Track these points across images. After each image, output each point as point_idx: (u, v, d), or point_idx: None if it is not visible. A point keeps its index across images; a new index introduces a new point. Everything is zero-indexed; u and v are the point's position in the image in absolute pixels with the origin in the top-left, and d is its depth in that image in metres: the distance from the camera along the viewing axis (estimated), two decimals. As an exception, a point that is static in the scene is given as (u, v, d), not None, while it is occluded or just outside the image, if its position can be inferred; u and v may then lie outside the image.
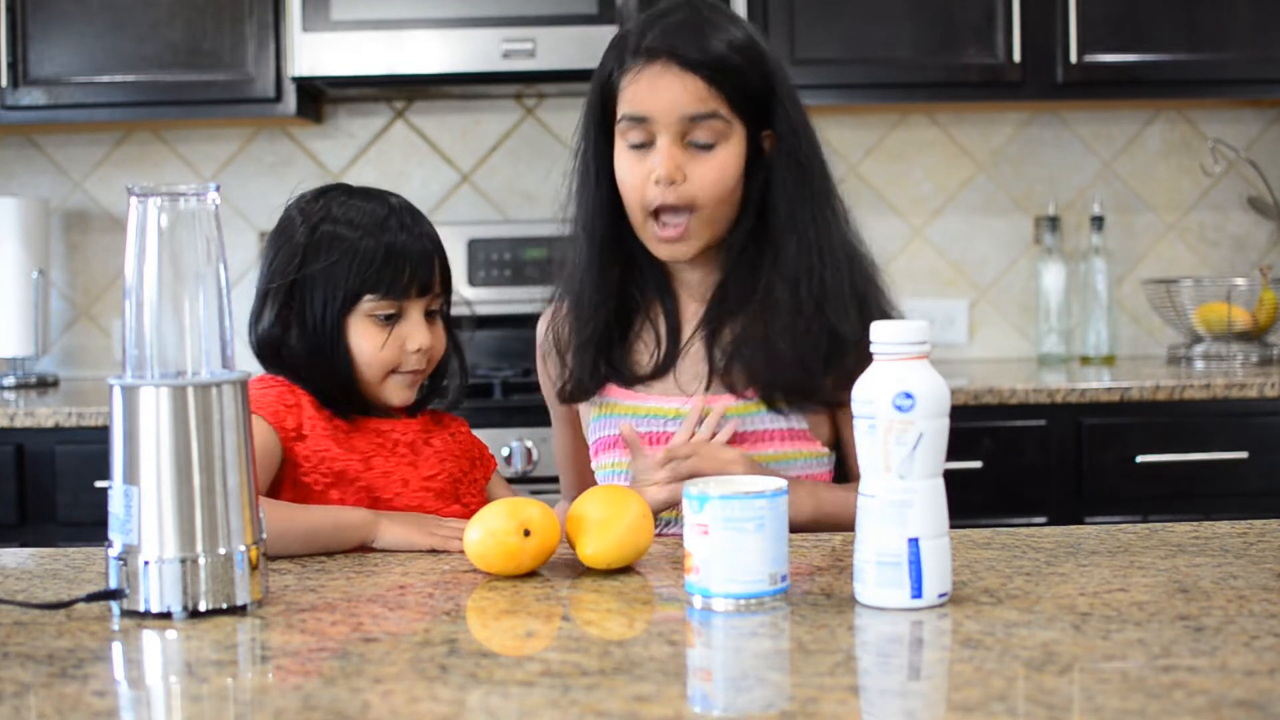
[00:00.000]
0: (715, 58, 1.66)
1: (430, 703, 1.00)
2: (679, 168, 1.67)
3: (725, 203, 1.70)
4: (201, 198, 1.28)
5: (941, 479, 1.25)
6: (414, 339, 1.67)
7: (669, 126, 1.67)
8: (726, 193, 1.69)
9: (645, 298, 1.79)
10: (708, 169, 1.67)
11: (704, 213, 1.69)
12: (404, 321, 1.67)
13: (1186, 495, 2.91)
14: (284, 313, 1.68)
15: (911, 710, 1.00)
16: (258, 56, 3.16)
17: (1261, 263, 3.52)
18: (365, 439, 1.68)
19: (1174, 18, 3.20)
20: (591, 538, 1.38)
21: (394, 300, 1.66)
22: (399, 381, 1.68)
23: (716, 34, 1.68)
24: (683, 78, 1.66)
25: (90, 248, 3.53)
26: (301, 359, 1.67)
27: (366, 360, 1.67)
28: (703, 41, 1.67)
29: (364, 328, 1.66)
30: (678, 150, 1.67)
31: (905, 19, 3.20)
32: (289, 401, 1.65)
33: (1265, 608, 1.20)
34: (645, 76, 1.67)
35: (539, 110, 3.53)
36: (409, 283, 1.66)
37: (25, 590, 1.35)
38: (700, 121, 1.67)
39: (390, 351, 1.67)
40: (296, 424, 1.64)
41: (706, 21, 1.69)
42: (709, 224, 1.70)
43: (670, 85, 1.66)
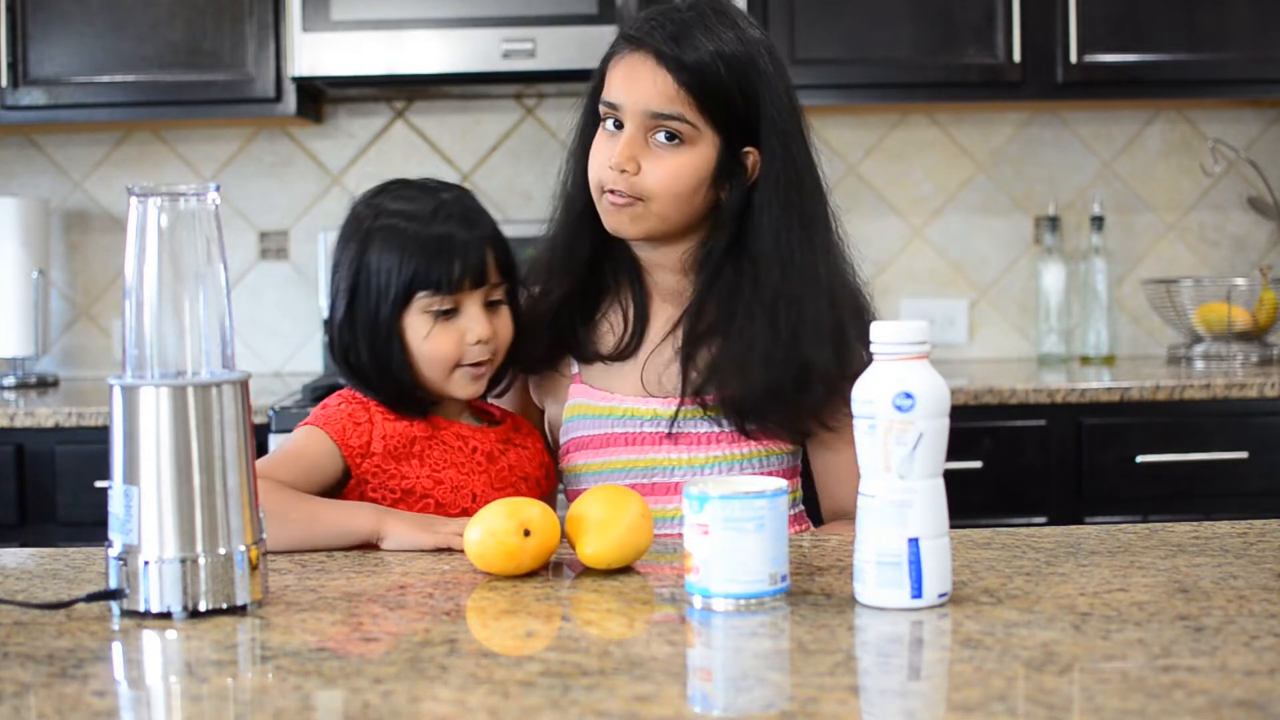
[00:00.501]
0: (691, 61, 1.64)
1: (430, 703, 1.00)
2: (632, 158, 1.66)
3: (678, 204, 1.68)
4: (201, 198, 1.28)
5: (941, 479, 1.25)
6: (473, 331, 1.65)
7: (634, 117, 1.67)
8: (680, 195, 1.67)
9: (616, 282, 1.79)
10: (662, 167, 1.66)
11: (653, 205, 1.68)
12: (462, 315, 1.65)
13: (1186, 495, 2.91)
14: (349, 315, 1.67)
15: (911, 710, 1.00)
16: (258, 56, 3.16)
17: (1261, 263, 3.52)
18: (441, 450, 1.67)
19: (1174, 18, 3.20)
20: (591, 538, 1.38)
21: (447, 295, 1.64)
22: (464, 375, 1.66)
23: (705, 38, 1.66)
24: (654, 73, 1.65)
25: (90, 248, 3.53)
26: (368, 363, 1.66)
27: (427, 358, 1.65)
28: (685, 41, 1.65)
29: (421, 324, 1.65)
30: (639, 142, 1.67)
31: (905, 19, 3.20)
32: (359, 419, 1.65)
33: (1265, 608, 1.20)
34: (624, 64, 1.69)
35: (539, 110, 3.53)
36: (461, 276, 1.64)
37: (25, 590, 1.35)
38: (664, 120, 1.66)
39: (449, 346, 1.64)
40: (364, 441, 1.63)
41: (702, 24, 1.67)
42: (657, 217, 1.68)
43: (641, 78, 1.66)
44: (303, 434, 1.65)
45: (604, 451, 1.73)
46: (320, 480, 1.62)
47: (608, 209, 1.70)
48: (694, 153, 1.67)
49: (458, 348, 1.65)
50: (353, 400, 1.67)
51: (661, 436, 1.72)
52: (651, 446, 1.72)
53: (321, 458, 1.62)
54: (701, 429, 1.71)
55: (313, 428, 1.65)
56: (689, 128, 1.66)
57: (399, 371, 1.65)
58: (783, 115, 1.69)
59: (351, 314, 1.66)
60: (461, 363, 1.66)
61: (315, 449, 1.63)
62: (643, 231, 1.70)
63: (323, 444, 1.63)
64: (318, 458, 1.62)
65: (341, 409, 1.66)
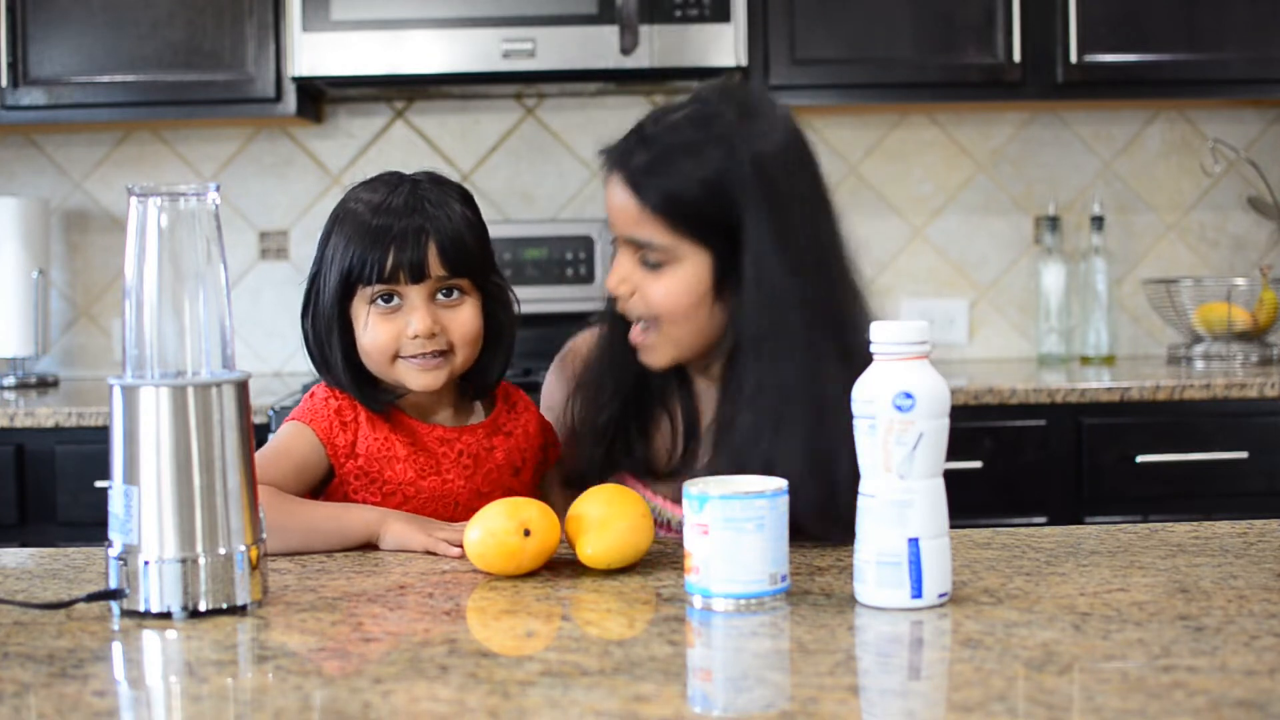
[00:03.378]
0: (656, 186, 1.57)
1: (430, 703, 1.00)
2: (623, 281, 1.61)
3: (686, 322, 1.61)
4: (201, 198, 1.28)
5: (941, 479, 1.25)
6: (412, 324, 1.61)
7: (620, 241, 1.62)
8: (681, 313, 1.60)
9: (665, 394, 1.72)
10: (654, 289, 1.60)
11: (664, 329, 1.62)
12: (404, 308, 1.62)
13: (1186, 495, 2.91)
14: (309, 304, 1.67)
15: (911, 710, 1.00)
16: (258, 56, 3.16)
17: (1261, 263, 3.52)
18: (424, 457, 1.65)
19: (1174, 18, 3.20)
20: (591, 538, 1.38)
21: (381, 285, 1.61)
22: (409, 367, 1.63)
23: (679, 158, 1.57)
24: (624, 198, 1.59)
25: (90, 248, 3.53)
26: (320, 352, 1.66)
27: (365, 348, 1.63)
28: (650, 164, 1.57)
29: (362, 315, 1.64)
30: (630, 264, 1.61)
31: (905, 19, 3.20)
32: (346, 418, 1.64)
33: (1265, 608, 1.20)
34: (607, 185, 1.62)
35: (539, 110, 3.53)
36: (395, 267, 1.61)
37: (25, 590, 1.35)
38: (639, 246, 1.60)
39: (385, 338, 1.62)
40: (350, 440, 1.63)
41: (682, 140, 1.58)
42: (671, 341, 1.62)
43: (615, 200, 1.60)
44: (290, 431, 1.64)
45: None
46: (309, 479, 1.62)
47: (634, 343, 1.65)
48: (681, 271, 1.59)
49: (394, 340, 1.62)
50: (338, 396, 1.66)
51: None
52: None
53: (309, 456, 1.62)
54: None
55: (299, 424, 1.64)
56: (664, 252, 1.58)
57: (346, 361, 1.64)
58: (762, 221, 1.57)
59: (312, 303, 1.67)
60: (400, 355, 1.63)
61: (303, 447, 1.62)
62: (667, 358, 1.64)
63: (310, 441, 1.62)
64: (305, 456, 1.62)
65: (329, 404, 1.64)
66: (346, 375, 1.65)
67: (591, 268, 3.39)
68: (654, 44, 3.07)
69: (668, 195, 1.57)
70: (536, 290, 3.36)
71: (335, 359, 1.65)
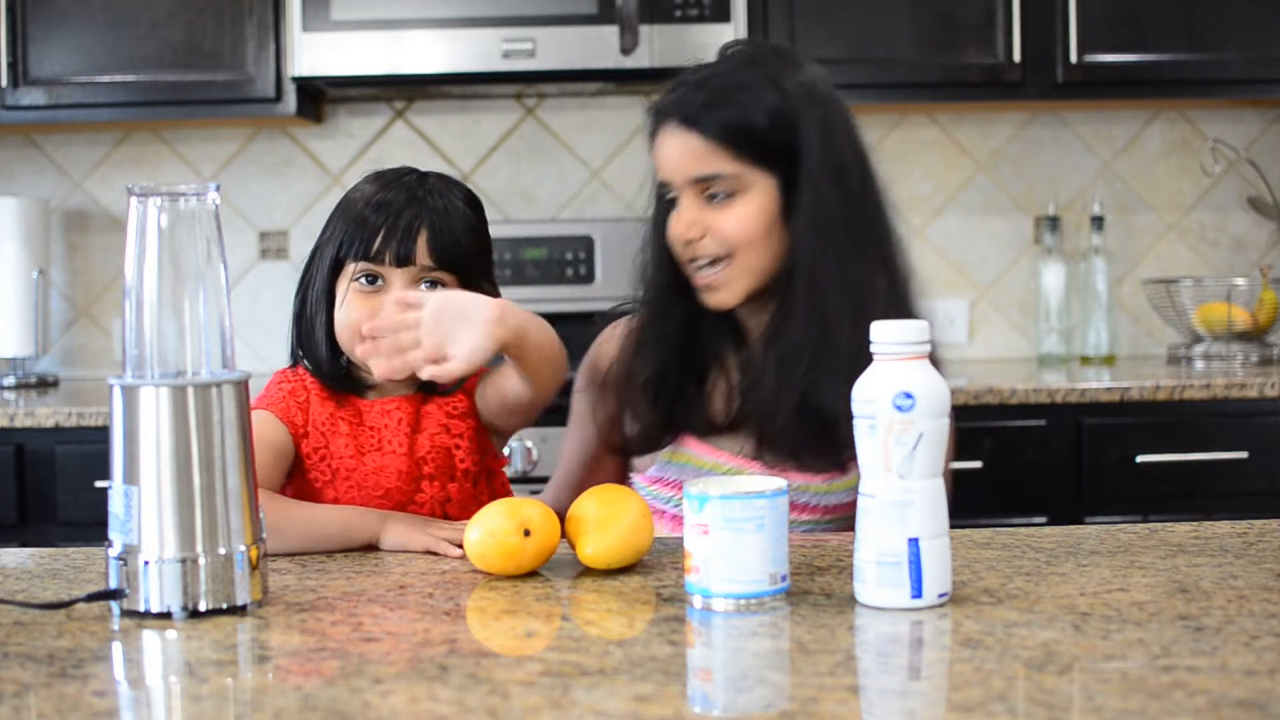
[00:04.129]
0: (711, 116, 1.64)
1: (430, 703, 1.00)
2: (693, 224, 1.67)
3: (757, 250, 1.67)
4: (201, 198, 1.28)
5: (941, 479, 1.25)
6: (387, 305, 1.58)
7: (684, 189, 1.68)
8: (753, 241, 1.67)
9: (719, 348, 1.75)
10: (725, 221, 1.66)
11: (738, 260, 1.67)
12: (385, 291, 1.63)
13: (1186, 495, 2.91)
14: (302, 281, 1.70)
15: (911, 710, 1.00)
16: (258, 56, 3.16)
17: (1261, 263, 3.52)
18: (365, 433, 1.66)
19: (1174, 18, 3.20)
20: (591, 538, 1.38)
21: (366, 263, 1.63)
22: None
23: (725, 90, 1.65)
24: (684, 139, 1.66)
25: (90, 248, 3.53)
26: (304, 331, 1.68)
27: (340, 322, 1.65)
28: (707, 100, 1.65)
29: (349, 293, 1.65)
30: (696, 208, 1.67)
31: (905, 19, 3.20)
32: (300, 399, 1.66)
33: (1265, 608, 1.20)
34: (659, 139, 1.70)
35: (539, 110, 3.53)
36: (382, 247, 1.62)
37: (25, 590, 1.35)
38: (708, 181, 1.66)
39: (359, 314, 1.61)
40: (305, 420, 1.65)
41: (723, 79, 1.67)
42: (745, 272, 1.68)
43: (674, 147, 1.67)
44: (257, 419, 1.63)
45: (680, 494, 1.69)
46: (286, 464, 1.64)
47: (700, 285, 1.70)
48: (751, 198, 1.66)
49: (369, 319, 1.59)
50: (291, 379, 1.68)
51: None
52: None
53: (280, 440, 1.63)
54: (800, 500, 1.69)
55: (261, 411, 1.64)
56: (733, 180, 1.66)
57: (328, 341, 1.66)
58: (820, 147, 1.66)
59: (305, 282, 1.69)
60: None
61: (272, 433, 1.63)
62: (741, 292, 1.69)
63: (275, 425, 1.64)
64: (277, 441, 1.63)
65: (282, 387, 1.67)
66: (326, 354, 1.67)
67: (591, 268, 3.39)
68: (654, 44, 3.07)
69: (729, 124, 1.64)
70: (536, 290, 3.36)
71: (319, 337, 1.67)
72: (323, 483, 1.64)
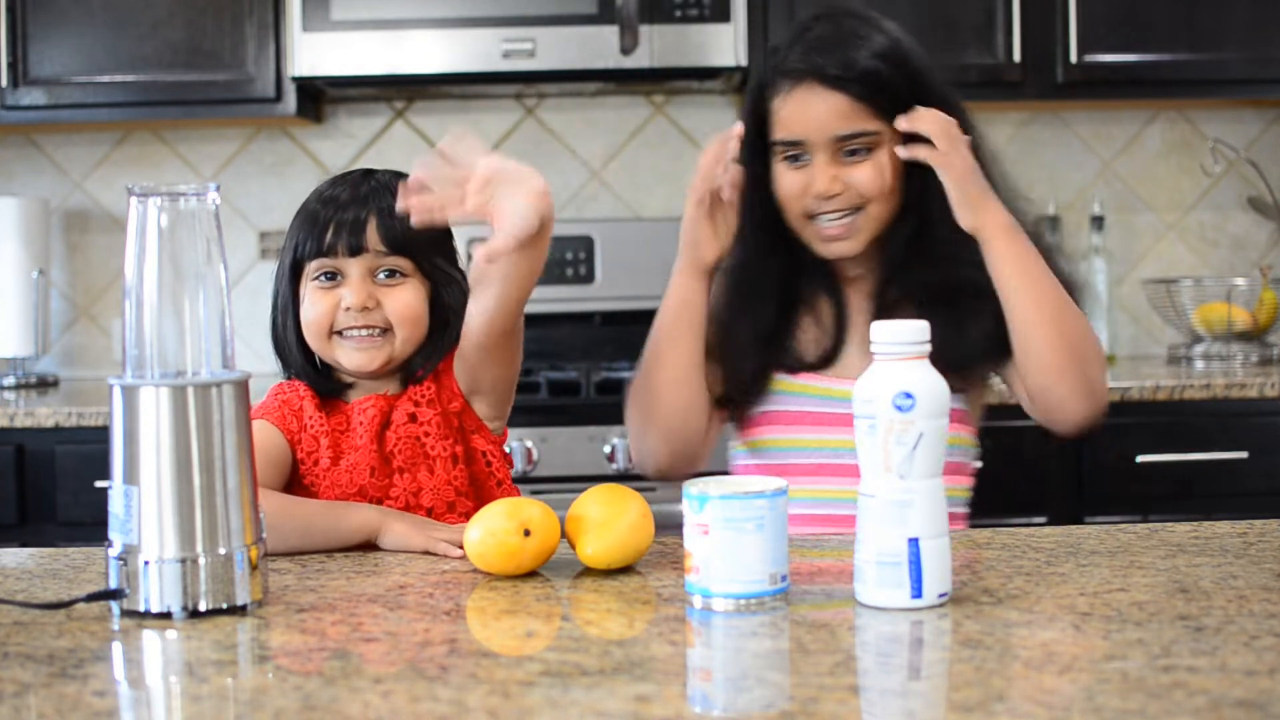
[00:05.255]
0: (860, 73, 1.70)
1: (430, 703, 1.00)
2: (835, 179, 1.72)
3: (888, 201, 1.74)
4: (201, 198, 1.28)
5: (941, 479, 1.25)
6: (346, 296, 1.64)
7: (822, 145, 1.72)
8: (887, 193, 1.73)
9: (810, 292, 1.82)
10: (863, 175, 1.72)
11: (870, 211, 1.73)
12: (343, 283, 1.65)
13: (1186, 495, 2.91)
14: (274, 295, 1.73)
15: (911, 710, 1.00)
16: (258, 56, 3.16)
17: (1261, 263, 3.52)
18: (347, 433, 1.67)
19: (1174, 18, 3.20)
20: (591, 538, 1.38)
21: (325, 259, 1.65)
22: (345, 345, 1.65)
23: (858, 46, 1.71)
24: (828, 99, 1.70)
25: (90, 248, 3.53)
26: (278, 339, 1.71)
27: (306, 322, 1.67)
28: (845, 57, 1.70)
29: (309, 292, 1.67)
30: (833, 165, 1.72)
31: (905, 19, 3.16)
32: (294, 407, 1.68)
33: (1265, 608, 1.20)
34: (794, 99, 1.72)
35: (539, 110, 3.53)
36: (334, 240, 1.64)
37: (25, 590, 1.35)
38: (851, 139, 1.71)
39: (323, 310, 1.65)
40: (299, 428, 1.67)
41: (849, 34, 1.73)
42: (873, 220, 1.74)
43: (817, 107, 1.71)
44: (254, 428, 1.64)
45: (794, 429, 1.77)
46: (285, 470, 1.65)
47: (825, 237, 1.75)
48: (884, 151, 1.73)
49: (330, 313, 1.65)
50: (287, 390, 1.70)
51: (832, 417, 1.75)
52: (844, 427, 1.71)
53: (277, 447, 1.65)
54: None
55: (259, 420, 1.66)
56: (874, 136, 1.72)
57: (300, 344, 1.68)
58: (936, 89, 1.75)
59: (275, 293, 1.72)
60: (335, 329, 1.65)
61: (269, 440, 1.64)
62: (865, 242, 1.76)
63: (273, 434, 1.65)
64: (275, 447, 1.64)
65: (277, 398, 1.69)
66: (300, 358, 1.69)
67: (592, 268, 3.39)
68: (654, 44, 3.07)
69: (866, 81, 1.70)
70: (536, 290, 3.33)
71: (290, 340, 1.70)
72: (316, 488, 1.65)
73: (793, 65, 1.73)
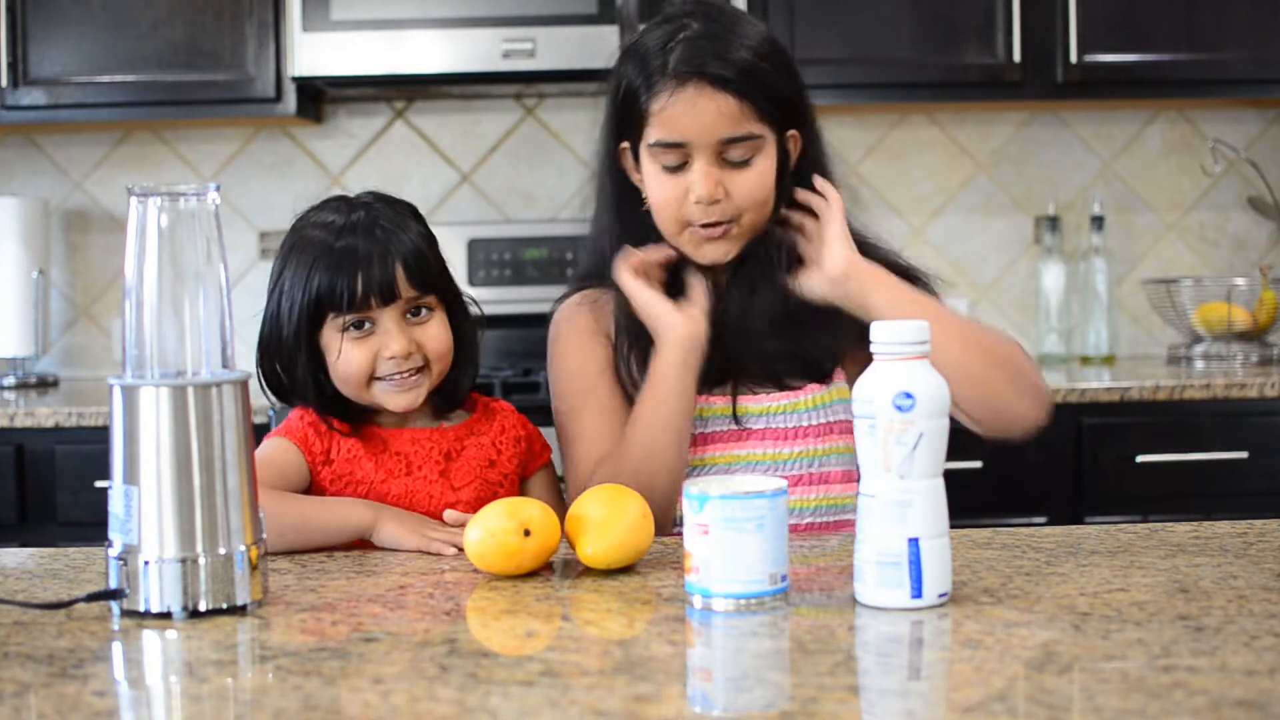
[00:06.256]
0: (745, 72, 1.64)
1: (430, 703, 1.00)
2: (718, 184, 1.65)
3: (764, 210, 1.69)
4: (201, 198, 1.28)
5: (941, 479, 1.25)
6: (389, 346, 1.63)
7: (705, 149, 1.65)
8: (765, 202, 1.69)
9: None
10: (746, 183, 1.66)
11: (745, 219, 1.68)
12: (377, 330, 1.64)
13: (1186, 495, 2.91)
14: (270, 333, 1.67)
15: (911, 710, 1.00)
16: (258, 56, 3.16)
17: (1261, 263, 3.52)
18: (393, 460, 1.66)
19: (1174, 18, 3.20)
20: (591, 538, 1.38)
21: (353, 312, 1.63)
22: (386, 388, 1.64)
23: (740, 46, 1.65)
24: (715, 99, 1.63)
25: (90, 248, 3.53)
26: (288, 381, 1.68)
27: (340, 375, 1.64)
28: (729, 55, 1.64)
29: (334, 341, 1.64)
30: (715, 169, 1.66)
31: (905, 19, 3.20)
32: (321, 429, 1.66)
33: (1265, 608, 1.20)
34: (678, 101, 1.64)
35: (539, 110, 3.53)
36: (365, 292, 1.62)
37: (25, 590, 1.35)
38: (737, 142, 1.65)
39: (361, 362, 1.63)
40: (325, 448, 1.65)
41: (726, 31, 1.66)
42: (750, 229, 1.69)
43: (704, 109, 1.63)
44: (270, 444, 1.67)
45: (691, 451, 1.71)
46: (291, 486, 1.64)
47: (701, 243, 1.69)
48: (764, 159, 1.68)
49: (369, 364, 1.63)
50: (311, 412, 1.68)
51: (745, 434, 1.71)
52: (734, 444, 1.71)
53: (288, 464, 1.64)
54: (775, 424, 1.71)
55: (278, 438, 1.66)
56: (758, 140, 1.66)
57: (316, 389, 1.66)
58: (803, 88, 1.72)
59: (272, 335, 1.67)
60: (376, 376, 1.64)
61: (283, 456, 1.64)
62: (739, 249, 1.70)
63: (289, 451, 1.65)
64: (285, 465, 1.64)
65: (305, 419, 1.68)
66: (316, 403, 1.67)
67: (591, 268, 3.38)
68: (654, 44, 3.07)
69: (750, 80, 1.64)
70: (536, 290, 3.36)
71: (305, 388, 1.66)
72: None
73: (675, 67, 1.64)
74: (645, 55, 1.68)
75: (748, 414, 1.71)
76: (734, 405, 1.71)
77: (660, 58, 1.66)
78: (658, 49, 1.67)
